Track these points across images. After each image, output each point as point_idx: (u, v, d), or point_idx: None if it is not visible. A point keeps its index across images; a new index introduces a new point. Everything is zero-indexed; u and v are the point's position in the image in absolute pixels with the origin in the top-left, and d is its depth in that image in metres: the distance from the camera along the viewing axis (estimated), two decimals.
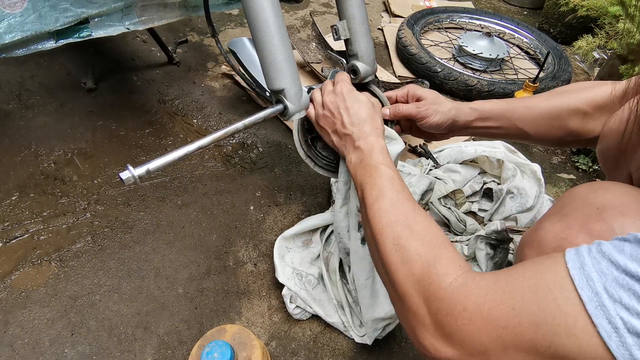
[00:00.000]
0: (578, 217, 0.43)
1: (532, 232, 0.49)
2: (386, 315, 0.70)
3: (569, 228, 0.43)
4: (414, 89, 0.73)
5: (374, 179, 0.55)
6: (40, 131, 1.13)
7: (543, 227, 0.46)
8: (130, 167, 0.51)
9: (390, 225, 0.48)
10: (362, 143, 0.60)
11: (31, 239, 0.89)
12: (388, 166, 0.57)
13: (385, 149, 0.60)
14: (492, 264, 0.79)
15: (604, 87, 0.62)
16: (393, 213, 0.50)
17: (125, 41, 1.53)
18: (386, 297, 0.71)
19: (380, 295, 0.70)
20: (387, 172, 0.55)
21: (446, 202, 0.97)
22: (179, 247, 0.91)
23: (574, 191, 0.47)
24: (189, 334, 0.77)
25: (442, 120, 0.69)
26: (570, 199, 0.47)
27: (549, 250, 0.44)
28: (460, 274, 0.39)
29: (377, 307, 0.70)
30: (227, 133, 0.60)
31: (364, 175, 0.57)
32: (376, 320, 0.71)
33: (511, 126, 0.69)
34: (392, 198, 0.52)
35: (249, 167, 1.11)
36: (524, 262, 0.38)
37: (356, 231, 0.69)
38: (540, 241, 0.45)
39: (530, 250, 0.47)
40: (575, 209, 0.44)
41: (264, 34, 0.60)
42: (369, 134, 0.61)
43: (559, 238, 0.43)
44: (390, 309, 0.71)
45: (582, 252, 0.33)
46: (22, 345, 0.73)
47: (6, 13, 0.78)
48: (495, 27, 1.81)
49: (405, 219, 0.48)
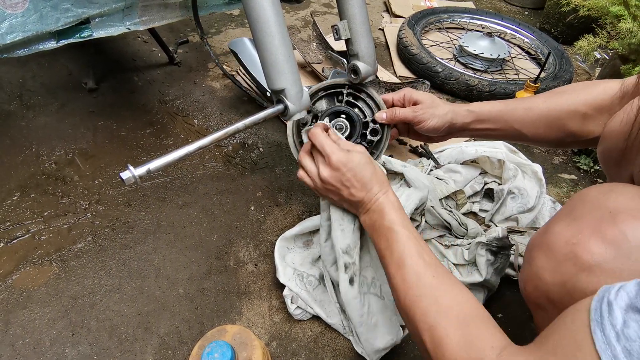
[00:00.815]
0: (590, 221, 0.42)
1: (541, 235, 0.48)
2: (387, 345, 0.70)
3: (580, 233, 0.42)
4: (410, 93, 0.72)
5: (391, 244, 0.55)
6: (42, 131, 1.13)
7: (553, 231, 0.45)
8: (131, 167, 0.51)
9: (416, 300, 0.49)
10: (373, 206, 0.60)
11: (32, 239, 0.89)
12: (403, 226, 0.57)
13: (397, 204, 0.60)
14: (492, 269, 0.79)
15: (602, 87, 0.61)
16: (417, 285, 0.50)
17: (126, 41, 1.54)
18: (385, 326, 0.70)
19: (378, 327, 0.70)
20: (403, 235, 0.55)
21: (447, 202, 0.97)
22: (180, 247, 0.91)
23: (584, 193, 0.47)
24: (190, 334, 0.77)
25: (439, 124, 0.69)
26: (581, 201, 0.46)
27: (560, 256, 0.43)
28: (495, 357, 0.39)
29: (377, 339, 0.70)
30: (228, 133, 0.60)
31: (380, 239, 0.57)
32: (378, 351, 0.70)
33: (509, 128, 0.69)
34: (412, 267, 0.52)
35: (249, 168, 1.11)
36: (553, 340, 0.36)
37: (343, 272, 0.69)
38: (550, 245, 0.45)
39: (539, 253, 0.46)
40: (587, 213, 0.44)
41: (264, 34, 0.60)
42: (377, 194, 0.61)
43: (570, 243, 0.42)
44: (391, 338, 0.70)
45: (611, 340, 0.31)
46: (23, 345, 0.73)
47: (8, 13, 0.78)
48: (496, 27, 1.81)
49: (430, 291, 0.48)
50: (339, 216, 0.68)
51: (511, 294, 0.88)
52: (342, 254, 0.68)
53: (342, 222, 0.68)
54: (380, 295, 0.72)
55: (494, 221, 0.96)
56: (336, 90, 0.75)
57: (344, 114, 0.74)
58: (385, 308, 0.71)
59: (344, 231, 0.68)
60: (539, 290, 0.45)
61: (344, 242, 0.68)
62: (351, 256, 0.68)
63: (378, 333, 0.70)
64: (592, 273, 0.40)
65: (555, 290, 0.43)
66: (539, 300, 0.46)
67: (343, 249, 0.68)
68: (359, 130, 0.72)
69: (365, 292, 0.71)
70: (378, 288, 0.72)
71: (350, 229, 0.68)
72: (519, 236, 0.89)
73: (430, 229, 0.86)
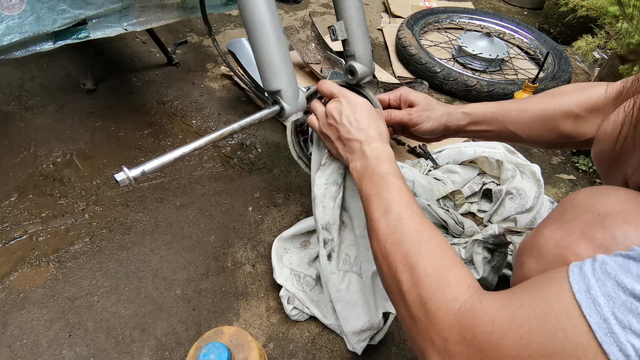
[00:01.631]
0: (579, 224, 0.42)
1: (531, 238, 0.48)
2: (364, 327, 0.70)
3: (569, 235, 0.42)
4: (407, 94, 0.72)
5: (380, 191, 0.54)
6: (40, 132, 1.13)
7: (542, 234, 0.45)
8: (126, 168, 0.51)
9: (398, 242, 0.48)
10: (367, 148, 0.59)
11: (30, 240, 0.89)
12: (396, 176, 0.56)
13: (393, 157, 0.59)
14: (489, 267, 0.79)
15: (598, 89, 0.61)
16: (401, 229, 0.49)
17: (124, 42, 1.54)
18: (363, 307, 0.70)
19: (357, 307, 0.70)
20: (394, 183, 0.54)
21: (445, 203, 0.97)
22: (178, 248, 0.91)
23: (574, 196, 0.46)
24: (187, 336, 0.77)
25: (434, 127, 0.69)
26: (570, 204, 0.46)
27: (549, 258, 0.43)
28: (468, 297, 0.39)
29: (355, 318, 0.70)
30: (224, 134, 0.60)
31: (370, 186, 0.56)
32: (356, 333, 0.70)
33: (503, 129, 0.69)
34: (399, 213, 0.51)
35: (247, 168, 1.11)
36: (528, 284, 0.37)
37: (322, 247, 0.69)
38: (540, 249, 0.44)
39: (529, 257, 0.46)
40: (576, 216, 0.43)
41: (259, 35, 0.60)
42: (374, 139, 0.60)
43: (559, 246, 0.42)
44: (368, 319, 0.70)
45: (587, 273, 0.32)
46: (20, 346, 0.73)
47: (5, 15, 0.78)
48: (495, 28, 1.81)
49: (414, 235, 0.48)
50: (320, 193, 0.69)
51: None
52: (322, 229, 0.69)
53: (323, 199, 0.69)
54: (359, 273, 0.72)
55: (492, 222, 0.96)
56: None
57: None
58: (363, 287, 0.71)
59: (325, 208, 0.69)
60: None
61: (324, 218, 0.69)
62: (330, 232, 0.69)
63: (356, 312, 0.70)
64: None
65: None
66: None
67: (323, 225, 0.69)
68: None
69: (347, 270, 0.71)
70: (359, 266, 0.72)
71: (331, 207, 0.69)
72: (517, 237, 0.89)
73: None
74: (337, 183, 0.70)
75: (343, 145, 0.63)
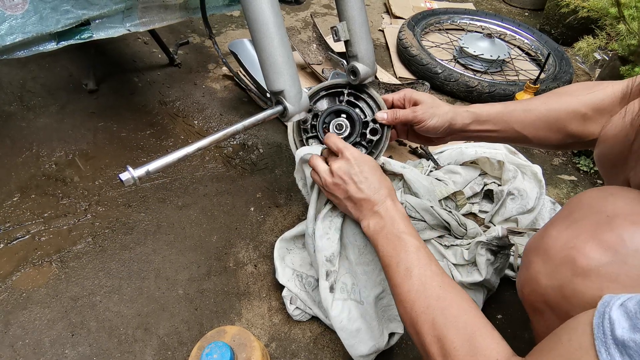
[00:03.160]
0: (587, 225, 0.42)
1: (538, 238, 0.47)
2: (370, 351, 0.70)
3: (577, 237, 0.42)
4: (411, 93, 0.72)
5: (398, 252, 0.55)
6: (42, 132, 1.14)
7: (550, 235, 0.45)
8: (130, 168, 0.51)
9: (424, 312, 0.49)
10: (380, 208, 0.60)
11: (32, 240, 0.89)
12: (412, 235, 0.56)
13: (405, 215, 0.60)
14: (492, 269, 0.79)
15: (603, 88, 0.61)
16: (424, 296, 0.50)
17: (126, 43, 1.54)
18: (366, 333, 0.70)
19: (360, 333, 0.69)
20: (412, 244, 0.55)
21: (447, 203, 0.97)
22: (180, 248, 0.91)
23: (582, 197, 0.46)
24: (189, 335, 0.77)
25: (439, 124, 0.69)
26: (578, 204, 0.46)
27: (557, 259, 0.43)
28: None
29: (360, 344, 0.69)
30: (227, 134, 0.61)
31: (387, 246, 0.57)
32: (363, 356, 0.70)
33: (509, 130, 0.69)
34: (420, 277, 0.52)
35: (249, 169, 1.11)
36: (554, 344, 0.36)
37: (324, 279, 0.69)
38: (547, 249, 0.44)
39: (536, 258, 0.46)
40: (584, 216, 0.43)
41: (263, 35, 0.60)
42: (386, 198, 0.61)
43: (567, 247, 0.42)
44: (373, 344, 0.70)
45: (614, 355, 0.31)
46: (22, 345, 0.73)
47: (8, 14, 0.78)
48: (496, 29, 1.81)
49: (437, 302, 0.49)
50: (325, 225, 0.69)
51: (510, 295, 0.88)
52: (325, 261, 0.69)
53: (328, 230, 0.69)
54: (359, 300, 0.71)
55: (494, 222, 0.96)
56: (337, 90, 0.75)
57: (344, 114, 0.74)
58: (365, 313, 0.71)
59: (330, 240, 0.68)
60: (536, 294, 0.46)
61: (329, 250, 0.69)
62: (333, 264, 0.69)
63: (360, 339, 0.69)
64: (588, 278, 0.40)
65: (552, 294, 0.43)
66: (536, 304, 0.46)
67: (327, 257, 0.69)
68: (359, 129, 0.73)
69: (346, 298, 0.70)
70: (358, 294, 0.71)
71: (336, 239, 0.69)
72: (519, 237, 0.89)
73: (430, 230, 0.86)
74: (341, 215, 0.70)
75: (353, 204, 0.63)
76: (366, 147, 0.74)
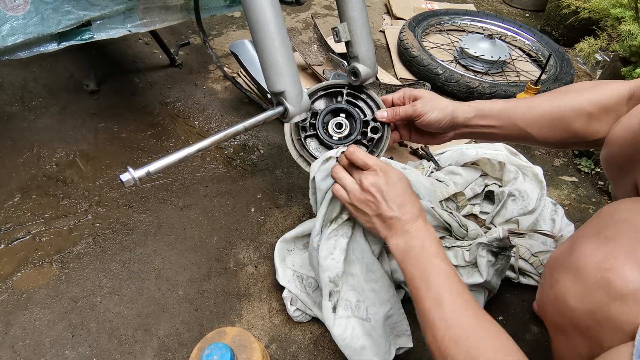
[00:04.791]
0: (624, 244, 0.39)
1: (566, 254, 0.44)
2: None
3: (614, 257, 0.38)
4: (410, 91, 0.72)
5: (428, 276, 0.52)
6: (43, 133, 1.14)
7: (582, 252, 0.41)
8: (131, 169, 0.51)
9: (457, 343, 0.46)
10: (411, 228, 0.57)
11: (33, 241, 0.89)
12: (443, 260, 0.54)
13: (437, 237, 0.57)
14: (493, 270, 0.79)
15: (609, 87, 0.59)
16: (458, 326, 0.47)
17: (127, 43, 1.54)
18: (371, 350, 0.69)
19: (365, 350, 0.69)
20: (443, 269, 0.53)
21: (447, 204, 0.97)
22: (180, 249, 0.91)
23: (614, 210, 0.43)
24: (189, 336, 0.77)
25: (441, 117, 0.67)
26: (611, 219, 0.42)
27: (590, 280, 0.39)
28: None
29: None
30: (227, 135, 0.61)
31: (416, 268, 0.54)
32: None
33: (512, 126, 0.67)
34: (452, 305, 0.49)
35: (250, 169, 1.11)
36: None
37: (327, 300, 0.68)
38: (578, 268, 0.41)
39: (565, 275, 0.42)
40: (620, 233, 0.40)
41: (264, 36, 0.60)
42: (418, 218, 0.58)
43: (602, 268, 0.39)
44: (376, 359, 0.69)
45: None
46: (23, 346, 0.73)
47: (9, 15, 0.78)
48: (497, 29, 1.81)
49: (472, 333, 0.46)
50: (330, 245, 0.68)
51: (511, 296, 0.87)
52: (329, 282, 0.68)
53: (333, 251, 0.68)
54: (366, 317, 0.70)
55: (495, 223, 0.96)
56: (335, 90, 0.75)
57: (343, 113, 0.74)
58: (372, 330, 0.70)
59: (335, 260, 0.68)
60: (562, 315, 0.43)
61: (334, 272, 0.68)
62: (337, 285, 0.68)
63: (365, 356, 0.68)
64: (625, 302, 0.37)
65: (582, 317, 0.40)
66: (562, 326, 0.43)
67: (331, 277, 0.68)
68: (359, 128, 0.72)
69: (349, 315, 0.69)
70: (364, 310, 0.70)
71: (341, 260, 0.68)
72: (520, 238, 0.89)
73: None
74: (347, 235, 0.69)
75: (382, 222, 0.60)
76: (367, 146, 0.73)
